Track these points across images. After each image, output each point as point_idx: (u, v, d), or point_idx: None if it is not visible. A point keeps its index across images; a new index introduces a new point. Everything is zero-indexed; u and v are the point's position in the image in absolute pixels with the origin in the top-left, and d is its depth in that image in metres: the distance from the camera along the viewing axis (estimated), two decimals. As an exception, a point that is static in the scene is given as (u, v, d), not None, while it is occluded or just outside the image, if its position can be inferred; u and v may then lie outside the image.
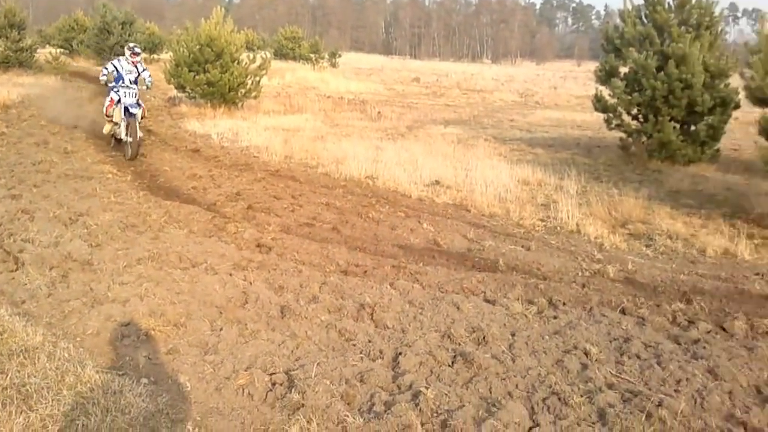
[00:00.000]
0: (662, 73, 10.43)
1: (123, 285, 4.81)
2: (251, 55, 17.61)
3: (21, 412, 3.09)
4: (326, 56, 43.75)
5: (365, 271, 5.55)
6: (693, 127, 10.90)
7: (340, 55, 46.18)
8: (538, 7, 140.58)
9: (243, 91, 16.44)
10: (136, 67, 10.28)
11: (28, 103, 15.31)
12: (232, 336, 4.11)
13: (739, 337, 4.34)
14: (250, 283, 5.02)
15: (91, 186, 8.00)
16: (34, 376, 3.42)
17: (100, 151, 10.68)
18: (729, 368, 3.77)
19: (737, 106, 10.66)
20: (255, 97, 16.96)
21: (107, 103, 10.27)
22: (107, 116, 10.36)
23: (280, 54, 41.19)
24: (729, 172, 10.48)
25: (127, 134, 10.01)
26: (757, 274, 5.77)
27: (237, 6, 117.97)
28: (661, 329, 4.45)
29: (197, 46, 15.83)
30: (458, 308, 4.67)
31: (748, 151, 11.69)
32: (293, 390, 3.46)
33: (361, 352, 4.00)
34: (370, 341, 4.15)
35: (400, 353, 3.93)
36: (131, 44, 10.75)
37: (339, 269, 5.62)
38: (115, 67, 10.23)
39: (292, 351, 3.98)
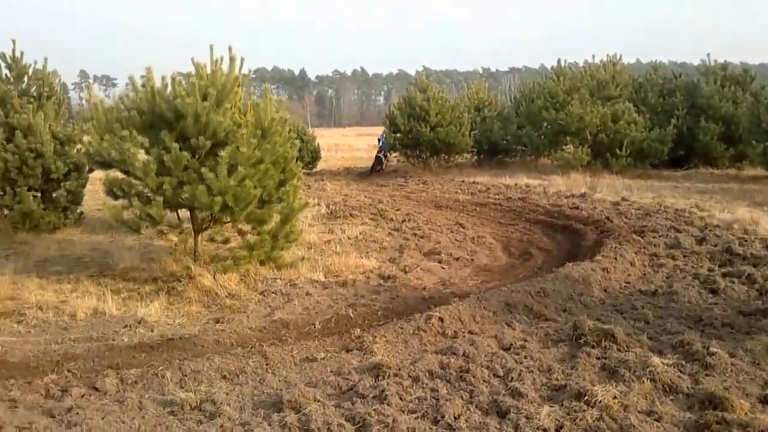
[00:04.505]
0: (11, 144, 10.23)
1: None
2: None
3: None
4: None
5: None
6: (54, 194, 11.04)
7: None
8: None
9: None
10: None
11: None
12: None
13: (111, 393, 4.66)
14: None
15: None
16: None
17: None
18: (103, 428, 4.02)
19: (92, 169, 11.29)
20: None
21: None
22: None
23: None
24: (94, 232, 11.06)
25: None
26: (126, 326, 6.33)
27: None
28: (34, 407, 4.41)
29: None
30: None
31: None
32: None
33: None
34: None
35: None
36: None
37: None
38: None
39: None
